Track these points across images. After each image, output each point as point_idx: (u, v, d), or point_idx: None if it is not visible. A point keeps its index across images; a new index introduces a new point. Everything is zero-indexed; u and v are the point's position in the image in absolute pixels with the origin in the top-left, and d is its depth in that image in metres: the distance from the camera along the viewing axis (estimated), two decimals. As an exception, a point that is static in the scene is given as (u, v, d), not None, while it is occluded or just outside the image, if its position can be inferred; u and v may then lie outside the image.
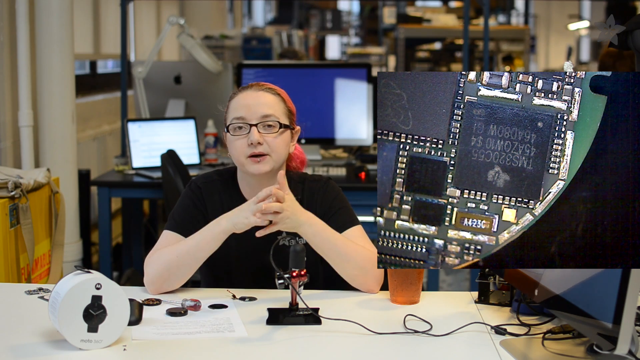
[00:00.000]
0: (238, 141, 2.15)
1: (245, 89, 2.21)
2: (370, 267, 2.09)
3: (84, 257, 4.15)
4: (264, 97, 2.18)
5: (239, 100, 2.18)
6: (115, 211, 4.94)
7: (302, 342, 1.80)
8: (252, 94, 2.19)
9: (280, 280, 1.87)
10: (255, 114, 2.15)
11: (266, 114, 2.15)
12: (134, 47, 6.90)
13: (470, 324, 1.87)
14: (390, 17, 11.09)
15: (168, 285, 2.10)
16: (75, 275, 1.75)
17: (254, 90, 2.20)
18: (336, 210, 2.22)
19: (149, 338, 1.80)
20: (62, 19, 3.90)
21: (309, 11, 15.07)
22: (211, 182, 2.26)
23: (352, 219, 2.22)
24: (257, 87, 2.21)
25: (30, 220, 3.07)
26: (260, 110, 2.15)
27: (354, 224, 2.21)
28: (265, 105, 2.16)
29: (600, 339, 1.52)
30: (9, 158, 3.89)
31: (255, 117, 2.15)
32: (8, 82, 3.86)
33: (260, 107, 2.16)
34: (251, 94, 2.18)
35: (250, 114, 2.15)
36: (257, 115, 2.15)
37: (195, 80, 4.67)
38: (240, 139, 2.15)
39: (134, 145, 4.10)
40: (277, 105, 2.19)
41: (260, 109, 2.15)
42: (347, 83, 4.27)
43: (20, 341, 1.77)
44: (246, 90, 2.21)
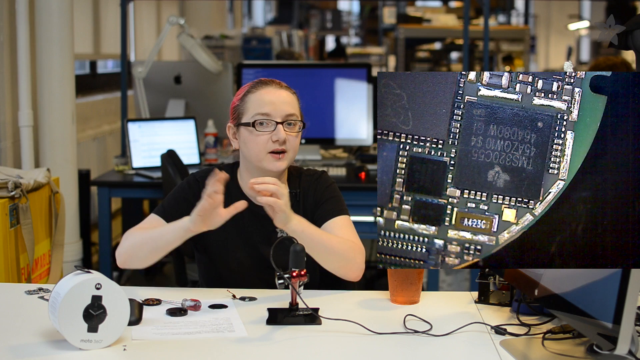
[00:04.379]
0: (261, 137, 2.17)
1: (265, 84, 2.22)
2: (352, 257, 2.13)
3: (84, 257, 4.16)
4: (287, 95, 2.22)
5: (262, 97, 2.20)
6: (115, 211, 4.94)
7: (302, 342, 1.80)
8: (275, 91, 2.21)
9: (280, 280, 1.87)
10: (280, 112, 2.18)
11: (290, 112, 2.19)
12: (134, 47, 6.90)
13: (470, 324, 1.87)
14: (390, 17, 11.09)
15: (132, 263, 2.19)
16: (75, 275, 1.75)
17: (276, 87, 2.22)
18: (326, 199, 2.25)
19: (149, 338, 1.80)
20: (62, 19, 3.90)
21: (309, 11, 15.07)
22: (210, 176, 2.26)
23: (340, 208, 2.25)
24: (278, 85, 2.23)
25: (30, 220, 3.07)
26: (285, 108, 2.18)
27: (341, 213, 2.24)
28: (289, 104, 2.20)
29: (600, 339, 1.52)
30: (9, 158, 3.89)
31: (281, 115, 2.18)
32: (8, 82, 3.86)
33: (285, 106, 2.19)
34: (274, 92, 2.21)
35: (275, 112, 2.17)
36: (282, 114, 2.18)
37: (195, 80, 4.67)
38: (264, 135, 2.17)
39: (134, 145, 4.10)
40: (296, 104, 2.23)
41: (285, 108, 2.19)
42: (347, 83, 4.27)
43: (20, 341, 1.77)
44: (267, 86, 2.22)
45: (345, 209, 2.26)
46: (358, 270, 2.14)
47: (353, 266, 2.13)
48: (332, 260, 2.12)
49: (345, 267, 2.13)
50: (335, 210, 2.24)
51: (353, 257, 2.13)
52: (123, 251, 2.19)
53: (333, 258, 2.11)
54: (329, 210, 2.23)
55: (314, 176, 2.31)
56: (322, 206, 2.24)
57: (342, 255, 2.12)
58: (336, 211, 2.23)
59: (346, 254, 2.12)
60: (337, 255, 2.11)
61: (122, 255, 2.19)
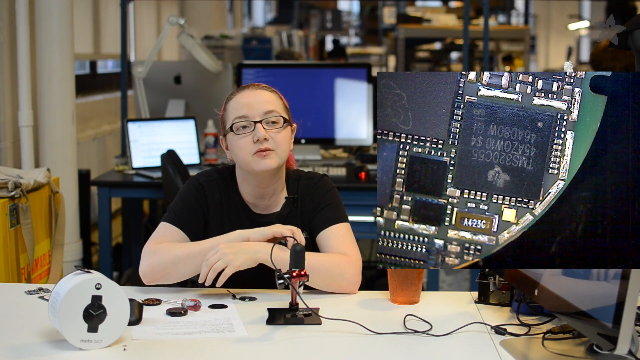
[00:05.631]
0: (243, 139, 2.15)
1: (242, 89, 2.22)
2: (339, 272, 2.10)
3: (84, 257, 4.16)
4: (263, 94, 2.19)
5: (239, 100, 2.19)
6: (115, 211, 4.94)
7: (302, 342, 1.80)
8: (251, 92, 2.19)
9: (280, 280, 1.87)
10: (258, 111, 2.15)
11: (269, 109, 2.16)
12: (134, 47, 6.90)
13: (470, 324, 1.87)
14: (390, 17, 11.09)
15: (161, 281, 2.12)
16: (75, 275, 1.75)
17: (252, 89, 2.21)
18: (325, 206, 2.22)
19: (149, 338, 1.80)
20: (62, 19, 3.90)
21: (309, 11, 15.07)
22: (213, 180, 2.26)
23: (339, 215, 2.22)
24: (254, 87, 2.22)
25: (30, 220, 3.07)
26: (262, 107, 2.16)
27: (340, 221, 2.21)
28: (267, 102, 2.17)
29: (600, 339, 1.52)
30: (9, 158, 3.89)
31: (259, 113, 2.15)
32: (8, 82, 3.86)
33: (262, 105, 2.16)
34: (250, 93, 2.19)
35: (252, 112, 2.15)
36: (260, 112, 2.15)
37: (195, 80, 4.67)
38: (245, 137, 2.15)
39: (134, 145, 4.10)
40: (276, 102, 2.20)
41: (262, 106, 2.16)
42: (347, 83, 4.27)
43: (20, 341, 1.77)
44: (244, 90, 2.21)
45: (344, 216, 2.23)
46: (350, 285, 2.11)
47: (342, 282, 2.10)
48: (317, 280, 2.08)
49: (334, 284, 2.10)
50: (333, 218, 2.21)
51: (340, 272, 2.10)
52: (149, 271, 2.10)
53: (317, 278, 2.06)
54: (327, 218, 2.20)
55: (313, 180, 2.27)
56: (320, 213, 2.21)
57: (325, 274, 2.08)
58: (334, 219, 2.20)
59: (332, 271, 2.09)
60: (320, 274, 2.07)
61: (147, 276, 2.10)
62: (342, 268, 2.10)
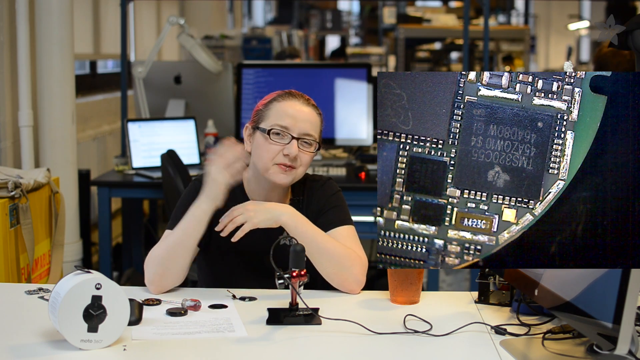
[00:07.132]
0: (273, 146, 2.15)
1: (293, 97, 2.20)
2: (349, 265, 2.10)
3: (84, 257, 4.15)
4: (311, 114, 2.19)
5: (286, 108, 2.17)
6: (115, 211, 4.94)
7: (302, 342, 1.80)
8: (300, 106, 2.18)
9: (280, 280, 1.87)
10: (299, 129, 2.15)
11: (309, 132, 2.17)
12: (134, 47, 6.90)
13: (470, 324, 1.87)
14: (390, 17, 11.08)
15: (166, 281, 2.10)
16: (75, 275, 1.75)
17: (302, 103, 2.19)
18: (330, 208, 2.23)
19: (149, 338, 1.80)
20: (62, 19, 3.90)
21: (309, 11, 15.06)
22: None
23: (343, 218, 2.22)
24: (305, 101, 2.20)
25: (30, 220, 3.07)
26: (304, 126, 2.16)
27: (345, 223, 2.21)
28: (310, 123, 2.17)
29: (600, 339, 1.52)
30: (9, 158, 3.88)
31: (299, 131, 2.15)
32: (8, 82, 3.86)
33: (305, 124, 2.16)
34: (298, 106, 2.18)
35: (294, 127, 2.15)
36: (300, 131, 2.15)
37: (195, 80, 4.67)
38: (277, 145, 2.15)
39: (134, 145, 4.10)
40: (318, 126, 2.21)
41: (305, 126, 2.16)
42: (347, 83, 4.27)
43: (20, 341, 1.77)
44: (293, 99, 2.19)
45: (349, 219, 2.23)
46: (354, 282, 2.11)
47: (349, 276, 2.10)
48: (326, 264, 2.09)
49: (340, 275, 2.10)
50: (338, 219, 2.21)
51: (350, 265, 2.10)
52: (152, 276, 2.10)
53: (327, 261, 2.09)
54: (332, 219, 2.21)
55: (319, 182, 2.28)
56: (326, 214, 2.22)
57: (337, 260, 2.09)
58: (340, 220, 2.21)
59: (342, 261, 2.10)
60: (331, 259, 2.09)
61: (153, 282, 2.10)
62: (353, 262, 2.11)
